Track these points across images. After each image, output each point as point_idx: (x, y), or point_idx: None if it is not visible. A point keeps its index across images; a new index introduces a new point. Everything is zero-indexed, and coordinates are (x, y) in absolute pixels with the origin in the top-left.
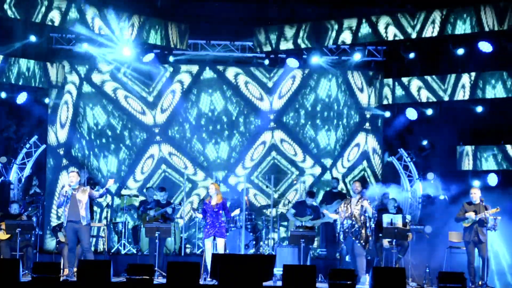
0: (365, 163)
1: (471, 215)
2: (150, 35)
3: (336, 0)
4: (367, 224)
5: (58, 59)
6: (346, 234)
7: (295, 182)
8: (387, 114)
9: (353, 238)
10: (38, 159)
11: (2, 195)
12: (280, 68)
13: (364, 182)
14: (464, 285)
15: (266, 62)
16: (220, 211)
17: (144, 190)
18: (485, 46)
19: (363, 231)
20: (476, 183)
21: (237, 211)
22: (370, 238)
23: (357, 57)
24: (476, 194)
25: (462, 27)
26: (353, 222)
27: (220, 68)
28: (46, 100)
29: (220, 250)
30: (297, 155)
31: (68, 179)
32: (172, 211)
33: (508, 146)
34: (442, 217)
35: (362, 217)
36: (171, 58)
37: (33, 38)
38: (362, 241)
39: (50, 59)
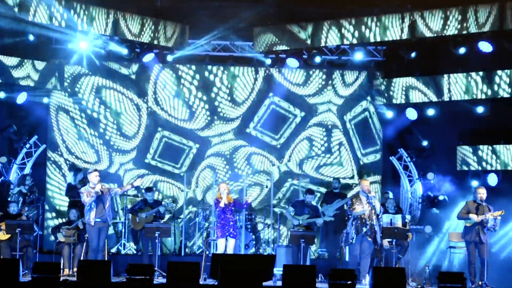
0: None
1: (473, 217)
2: (150, 35)
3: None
4: (378, 222)
5: (57, 58)
6: (359, 233)
7: (296, 181)
8: (389, 114)
9: (367, 237)
10: (38, 159)
11: (2, 195)
12: (279, 67)
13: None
14: (464, 285)
15: (268, 62)
16: (232, 208)
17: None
18: (485, 46)
19: (374, 229)
20: (475, 183)
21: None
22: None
23: (357, 57)
24: (483, 195)
25: (463, 27)
26: (366, 221)
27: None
28: (45, 100)
29: (231, 250)
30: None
31: (93, 179)
32: (164, 210)
33: (508, 146)
34: (442, 217)
35: (374, 215)
36: (170, 58)
37: (31, 37)
38: (372, 239)
39: (49, 58)
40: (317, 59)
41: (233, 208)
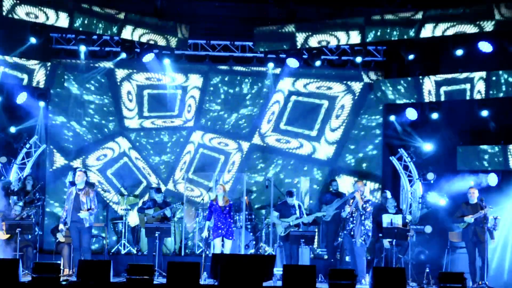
0: None
1: (467, 219)
2: (150, 35)
3: (336, 0)
4: (364, 222)
5: (57, 59)
6: (345, 232)
7: (295, 182)
8: (391, 117)
9: (350, 236)
10: (38, 159)
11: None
12: (280, 67)
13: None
14: (464, 285)
15: (270, 65)
16: (227, 214)
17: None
18: (485, 46)
19: (359, 228)
20: (472, 182)
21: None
22: (368, 236)
23: (358, 58)
24: (473, 194)
25: (462, 27)
26: (353, 220)
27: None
28: (41, 104)
29: (227, 251)
30: None
31: (76, 178)
32: (171, 213)
33: (508, 146)
34: (442, 217)
35: (360, 217)
36: (168, 59)
37: (33, 40)
38: (359, 240)
39: (50, 59)
40: (317, 60)
41: (228, 209)
